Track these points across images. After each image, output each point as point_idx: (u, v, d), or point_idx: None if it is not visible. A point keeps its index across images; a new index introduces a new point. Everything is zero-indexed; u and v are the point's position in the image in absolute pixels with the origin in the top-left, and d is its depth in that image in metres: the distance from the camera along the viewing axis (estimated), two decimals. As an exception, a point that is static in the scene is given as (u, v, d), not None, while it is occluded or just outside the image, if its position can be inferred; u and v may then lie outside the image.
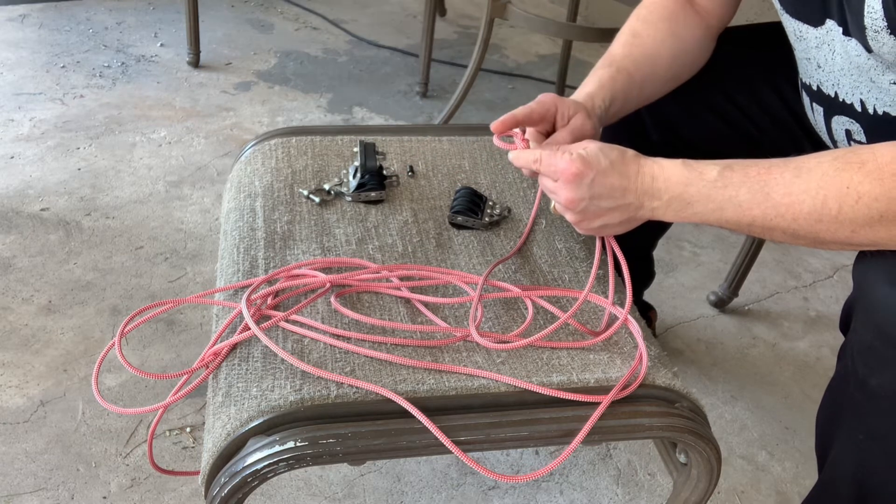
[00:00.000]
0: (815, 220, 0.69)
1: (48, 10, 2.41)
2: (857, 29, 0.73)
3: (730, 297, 1.56)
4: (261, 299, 0.79)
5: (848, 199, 0.67)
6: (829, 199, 0.67)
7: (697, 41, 0.97)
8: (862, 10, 0.71)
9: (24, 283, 1.42)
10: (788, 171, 0.70)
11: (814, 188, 0.68)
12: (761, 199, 0.71)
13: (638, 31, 0.95)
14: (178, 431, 1.19)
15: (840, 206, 0.67)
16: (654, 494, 1.19)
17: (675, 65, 0.96)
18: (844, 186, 0.67)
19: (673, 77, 0.97)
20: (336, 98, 2.15)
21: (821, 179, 0.68)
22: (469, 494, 1.15)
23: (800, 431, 1.32)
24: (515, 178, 1.03)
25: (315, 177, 0.99)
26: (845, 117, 0.84)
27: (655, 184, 0.75)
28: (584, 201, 0.76)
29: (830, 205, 0.67)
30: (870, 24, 0.71)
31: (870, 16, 0.70)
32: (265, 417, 0.67)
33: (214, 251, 1.54)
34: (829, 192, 0.67)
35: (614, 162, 0.75)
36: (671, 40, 0.94)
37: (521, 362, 0.75)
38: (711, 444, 0.74)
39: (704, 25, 0.97)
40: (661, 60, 0.94)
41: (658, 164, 0.75)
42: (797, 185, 0.69)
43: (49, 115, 1.91)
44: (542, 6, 2.83)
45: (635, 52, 0.93)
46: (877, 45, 0.72)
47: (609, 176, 0.75)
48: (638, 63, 0.93)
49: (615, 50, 0.94)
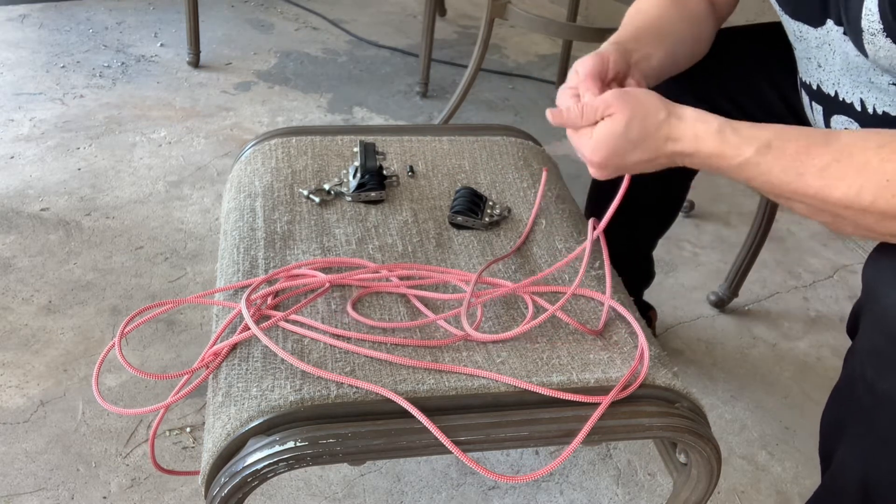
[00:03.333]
0: (843, 206, 0.67)
1: (48, 10, 2.41)
2: (853, 32, 0.73)
3: (730, 297, 1.56)
4: (261, 299, 0.79)
5: (885, 193, 0.64)
6: (865, 189, 0.65)
7: (704, 10, 0.94)
8: (860, 12, 0.71)
9: (24, 283, 1.42)
10: (829, 154, 0.67)
11: (851, 176, 0.66)
12: (793, 177, 0.69)
13: (640, 7, 0.93)
14: (178, 431, 1.19)
15: (874, 198, 0.65)
16: (654, 494, 1.19)
17: (687, 25, 0.93)
18: (885, 179, 0.64)
19: (690, 35, 0.93)
20: (336, 98, 2.15)
21: (862, 168, 0.65)
22: (469, 494, 1.15)
23: (800, 431, 1.32)
24: (515, 178, 1.03)
25: (315, 177, 0.99)
26: (844, 116, 0.84)
27: (686, 152, 0.73)
28: (610, 170, 0.77)
29: (864, 195, 0.65)
30: (867, 27, 0.71)
31: (867, 18, 0.70)
32: (265, 417, 0.67)
33: (214, 251, 1.54)
34: (866, 183, 0.65)
35: (639, 140, 0.73)
36: (675, 7, 0.92)
37: (522, 362, 0.75)
38: (711, 444, 0.74)
39: (708, 3, 0.95)
40: (671, 18, 0.91)
41: (692, 130, 0.72)
42: (834, 170, 0.67)
43: (49, 115, 1.91)
44: (542, 6, 2.83)
45: (643, 12, 0.91)
46: (872, 49, 0.72)
47: (634, 153, 0.74)
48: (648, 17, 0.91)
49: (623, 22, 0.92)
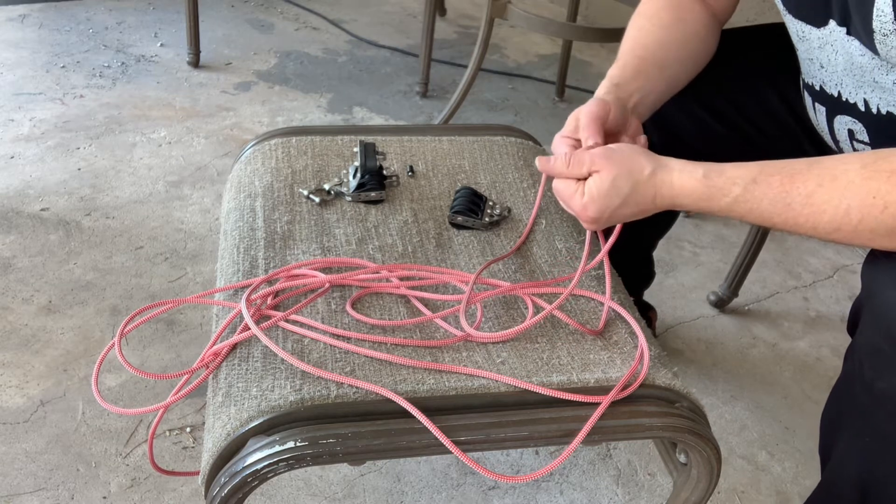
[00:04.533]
0: (833, 229, 0.69)
1: (48, 10, 2.41)
2: (864, 32, 0.73)
3: (730, 297, 1.56)
4: (261, 299, 0.79)
5: (873, 210, 0.66)
6: (853, 209, 0.67)
7: (705, 26, 0.96)
8: (871, 12, 0.70)
9: (24, 283, 1.42)
10: (812, 180, 0.69)
11: (837, 198, 0.67)
12: (782, 209, 0.71)
13: (642, 25, 0.94)
14: (178, 431, 1.19)
15: (862, 217, 0.66)
16: (654, 494, 1.19)
17: (689, 47, 0.94)
18: (871, 196, 0.66)
19: (690, 58, 0.95)
20: (336, 98, 2.15)
21: (846, 189, 0.67)
22: (469, 494, 1.15)
23: (800, 431, 1.32)
24: (515, 178, 1.03)
25: (315, 177, 0.99)
26: (848, 117, 0.84)
27: (675, 201, 0.76)
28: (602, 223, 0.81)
29: (853, 215, 0.67)
30: (878, 28, 0.70)
31: (878, 19, 0.70)
32: (265, 417, 0.67)
33: (214, 251, 1.54)
34: (853, 203, 0.67)
35: (627, 197, 0.76)
36: (678, 24, 0.94)
37: (522, 362, 0.75)
38: (711, 444, 0.74)
39: (709, 13, 0.96)
40: (672, 44, 0.93)
41: (678, 181, 0.75)
42: (819, 196, 0.68)
43: (49, 115, 1.91)
44: (542, 6, 2.83)
45: (643, 40, 0.93)
46: (885, 49, 0.71)
47: (623, 209, 0.78)
48: (648, 48, 0.92)
49: (623, 47, 0.93)
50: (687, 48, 0.94)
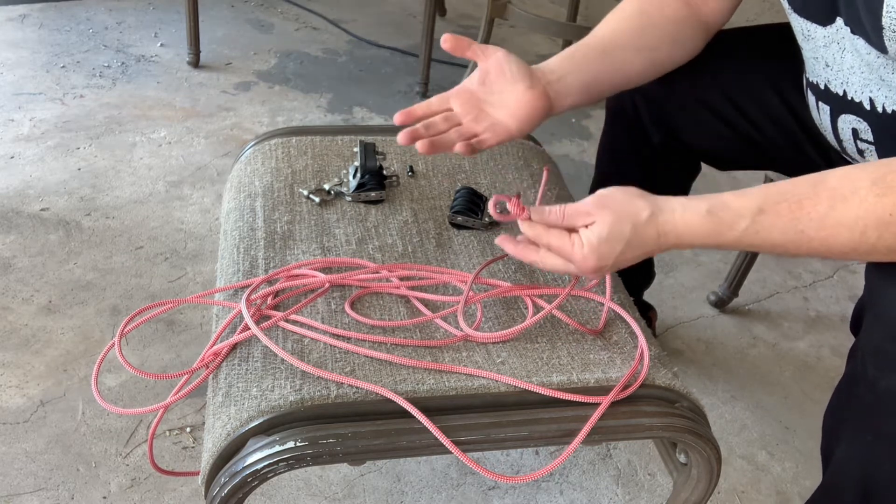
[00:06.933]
0: (850, 249, 0.67)
1: (48, 10, 2.41)
2: (873, 29, 0.72)
3: (730, 297, 1.55)
4: (261, 299, 0.79)
5: (891, 227, 0.64)
6: (870, 228, 0.65)
7: (675, 21, 0.94)
8: (880, 10, 0.70)
9: (24, 283, 1.42)
10: (822, 204, 0.67)
11: (851, 219, 0.66)
12: (794, 236, 0.69)
13: (607, 17, 0.94)
14: (178, 431, 1.19)
15: (880, 235, 0.65)
16: (654, 494, 1.19)
17: (645, 38, 0.93)
18: (887, 213, 0.64)
19: (648, 48, 0.93)
20: (336, 98, 2.15)
21: (859, 209, 0.65)
22: (469, 494, 1.15)
23: (800, 431, 1.32)
24: (515, 178, 1.03)
25: (315, 177, 0.99)
26: (852, 116, 0.84)
27: (682, 241, 0.73)
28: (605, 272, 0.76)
29: (870, 234, 0.65)
30: (888, 24, 0.70)
31: (888, 16, 0.69)
32: (265, 417, 0.67)
33: (214, 251, 1.54)
34: (869, 222, 0.65)
35: (630, 241, 0.73)
36: (639, 16, 0.93)
37: (522, 362, 0.75)
38: (711, 444, 0.74)
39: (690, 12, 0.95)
40: (625, 32, 0.92)
41: (682, 220, 0.72)
42: (832, 218, 0.67)
43: (49, 115, 1.91)
44: (542, 6, 2.83)
45: (599, 30, 0.93)
46: (894, 47, 0.71)
47: (627, 253, 0.73)
48: (597, 35, 0.91)
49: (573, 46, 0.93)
50: (643, 38, 0.93)
